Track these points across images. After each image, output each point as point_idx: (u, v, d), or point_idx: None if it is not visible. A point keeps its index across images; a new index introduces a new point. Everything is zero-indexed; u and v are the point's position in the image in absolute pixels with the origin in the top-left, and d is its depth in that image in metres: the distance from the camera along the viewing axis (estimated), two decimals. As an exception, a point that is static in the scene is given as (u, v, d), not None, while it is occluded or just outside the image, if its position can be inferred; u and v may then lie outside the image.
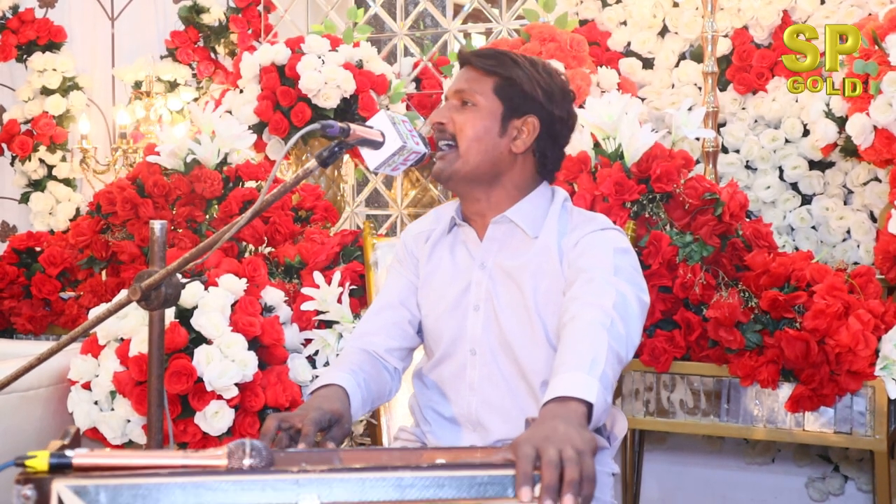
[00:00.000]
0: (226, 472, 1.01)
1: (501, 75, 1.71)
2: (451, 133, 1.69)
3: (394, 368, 1.80)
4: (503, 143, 1.70)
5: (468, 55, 1.76)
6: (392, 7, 3.81)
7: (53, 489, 0.97)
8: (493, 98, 1.70)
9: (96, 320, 1.50)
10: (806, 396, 2.25)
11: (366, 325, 1.82)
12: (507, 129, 1.70)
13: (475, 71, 1.72)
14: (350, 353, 1.76)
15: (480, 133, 1.68)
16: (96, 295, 3.04)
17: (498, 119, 1.69)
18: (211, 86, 4.19)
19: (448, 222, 1.81)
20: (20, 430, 2.38)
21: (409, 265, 1.84)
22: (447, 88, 1.79)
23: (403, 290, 1.82)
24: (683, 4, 3.35)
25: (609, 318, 1.44)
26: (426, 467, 1.00)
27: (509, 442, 1.63)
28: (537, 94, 1.71)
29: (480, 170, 1.69)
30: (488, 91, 1.70)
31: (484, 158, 1.69)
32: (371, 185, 3.70)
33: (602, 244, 1.63)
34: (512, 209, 1.71)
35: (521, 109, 1.71)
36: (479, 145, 1.68)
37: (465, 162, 1.68)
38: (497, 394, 1.70)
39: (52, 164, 4.17)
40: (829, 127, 2.79)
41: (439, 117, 1.71)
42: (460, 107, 1.71)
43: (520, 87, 1.71)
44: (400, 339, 1.80)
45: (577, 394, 1.25)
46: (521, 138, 1.71)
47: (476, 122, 1.69)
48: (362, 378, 1.66)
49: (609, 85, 3.20)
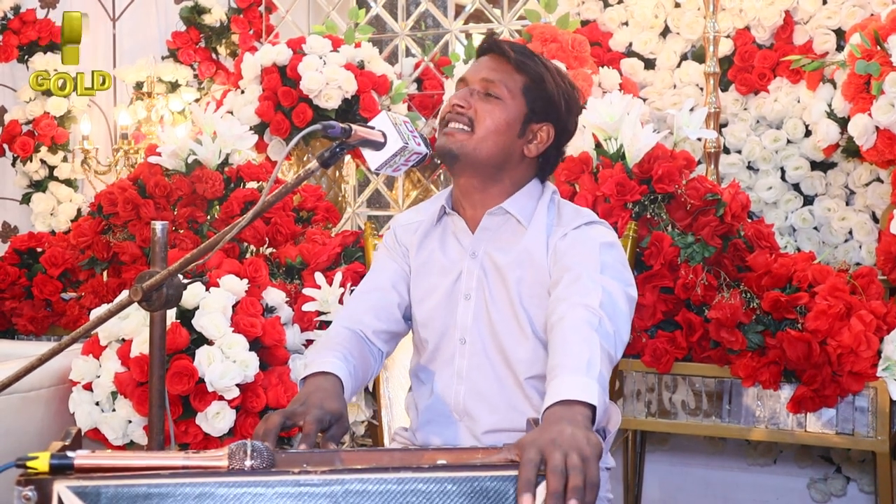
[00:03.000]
0: (227, 473, 1.01)
1: (532, 76, 1.69)
2: (468, 118, 1.67)
3: (378, 351, 1.77)
4: (518, 144, 1.70)
5: (502, 44, 1.71)
6: (393, 7, 3.81)
7: (54, 490, 0.97)
8: (520, 97, 1.69)
9: (97, 321, 1.49)
10: (808, 397, 2.24)
11: (354, 304, 1.80)
12: (524, 132, 1.70)
13: (506, 63, 1.69)
14: (338, 334, 1.73)
15: (502, 127, 1.67)
16: (97, 296, 3.04)
17: (520, 119, 1.69)
18: (212, 86, 4.19)
19: (434, 213, 1.79)
20: (21, 431, 2.37)
21: (399, 253, 1.82)
22: (467, 71, 1.73)
23: (394, 275, 1.81)
24: (685, 5, 3.35)
25: (597, 318, 1.43)
26: (427, 468, 1.00)
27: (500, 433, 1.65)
28: (560, 104, 1.71)
29: (489, 161, 1.68)
30: (517, 89, 1.69)
31: (496, 152, 1.68)
32: (372, 186, 3.70)
33: (588, 240, 1.63)
34: (508, 201, 1.71)
35: (542, 115, 1.71)
36: (496, 138, 1.67)
37: (478, 149, 1.67)
38: (485, 383, 1.69)
39: (53, 165, 4.17)
40: (830, 127, 2.79)
41: (460, 100, 1.67)
42: (484, 96, 1.68)
43: (547, 93, 1.70)
44: (387, 322, 1.78)
45: (581, 397, 1.25)
46: (535, 143, 1.71)
47: (499, 115, 1.67)
48: (353, 365, 1.63)
49: (611, 85, 3.20)
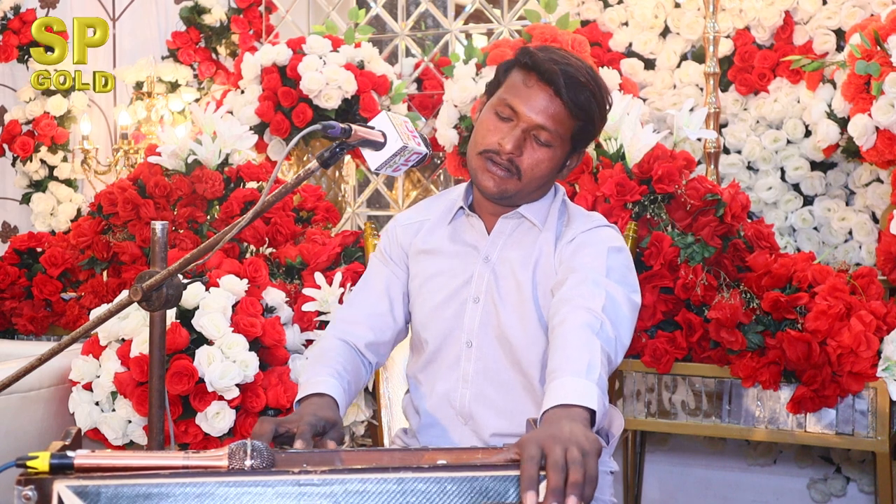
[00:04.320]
0: (227, 473, 1.01)
1: (584, 120, 1.67)
2: (517, 166, 1.65)
3: (369, 364, 1.77)
4: (557, 175, 1.73)
5: (561, 84, 1.62)
6: (393, 8, 3.81)
7: (54, 490, 0.97)
8: (569, 141, 1.68)
9: (97, 321, 1.49)
10: (807, 398, 2.24)
11: (348, 313, 1.80)
12: (564, 165, 1.72)
13: (561, 106, 1.63)
14: (332, 348, 1.72)
15: (550, 172, 1.69)
16: (97, 296, 3.04)
17: (564, 157, 1.70)
18: (212, 86, 4.19)
19: (446, 211, 1.79)
20: (21, 431, 2.38)
21: (396, 255, 1.82)
22: (519, 100, 1.64)
23: (388, 279, 1.80)
24: (685, 5, 3.35)
25: (599, 322, 1.43)
26: (427, 468, 1.00)
27: (506, 437, 1.65)
28: (598, 129, 1.73)
29: (531, 194, 1.71)
30: (567, 136, 1.67)
31: (539, 186, 1.70)
32: (372, 186, 3.70)
33: (597, 242, 1.64)
34: (524, 206, 1.72)
35: (581, 146, 1.73)
36: (543, 180, 1.69)
37: (522, 191, 1.68)
38: (491, 387, 1.69)
39: (53, 165, 4.17)
40: (830, 128, 2.79)
41: (511, 145, 1.63)
42: (535, 141, 1.65)
43: (594, 131, 1.72)
44: (381, 332, 1.77)
45: (580, 401, 1.25)
46: (569, 169, 1.74)
47: (548, 164, 1.67)
48: (347, 381, 1.63)
49: (611, 86, 3.20)
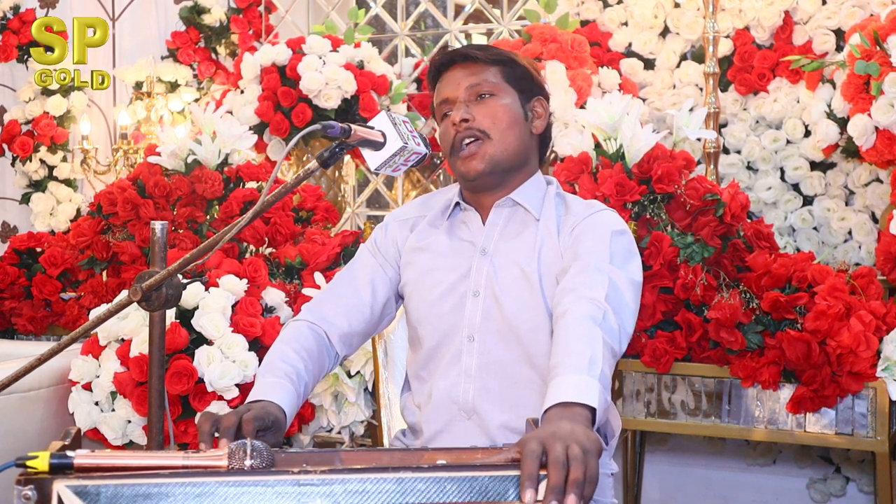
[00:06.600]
0: (227, 473, 1.01)
1: (504, 63, 1.72)
2: (479, 128, 1.66)
3: (336, 355, 1.74)
4: (528, 127, 1.72)
5: (462, 52, 1.73)
6: (393, 8, 3.81)
7: (54, 490, 0.97)
8: (507, 85, 1.70)
9: (97, 321, 1.49)
10: (807, 397, 2.24)
11: (326, 301, 1.77)
12: (527, 113, 1.72)
13: (476, 65, 1.70)
14: (298, 335, 1.68)
15: (513, 119, 1.69)
16: (97, 296, 3.04)
17: (519, 104, 1.71)
18: (212, 86, 4.19)
19: (442, 207, 1.78)
20: (21, 431, 2.38)
21: (386, 250, 1.80)
22: (444, 91, 1.71)
23: (374, 271, 1.78)
24: (685, 5, 3.35)
25: (601, 312, 1.42)
26: (427, 468, 1.00)
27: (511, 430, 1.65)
28: (535, 76, 1.75)
29: (516, 156, 1.69)
30: (500, 79, 1.70)
31: (518, 143, 1.69)
32: (372, 186, 3.70)
33: (600, 225, 1.63)
34: (516, 192, 1.71)
35: (530, 92, 1.73)
36: (513, 131, 1.68)
37: (504, 149, 1.67)
38: (495, 381, 1.67)
39: (52, 165, 4.17)
40: (830, 128, 2.79)
41: (462, 115, 1.66)
42: (479, 100, 1.68)
43: (523, 69, 1.74)
44: (356, 323, 1.74)
45: (581, 399, 1.24)
46: (538, 119, 1.73)
47: (505, 109, 1.68)
48: (302, 386, 1.59)
49: (610, 86, 3.20)
